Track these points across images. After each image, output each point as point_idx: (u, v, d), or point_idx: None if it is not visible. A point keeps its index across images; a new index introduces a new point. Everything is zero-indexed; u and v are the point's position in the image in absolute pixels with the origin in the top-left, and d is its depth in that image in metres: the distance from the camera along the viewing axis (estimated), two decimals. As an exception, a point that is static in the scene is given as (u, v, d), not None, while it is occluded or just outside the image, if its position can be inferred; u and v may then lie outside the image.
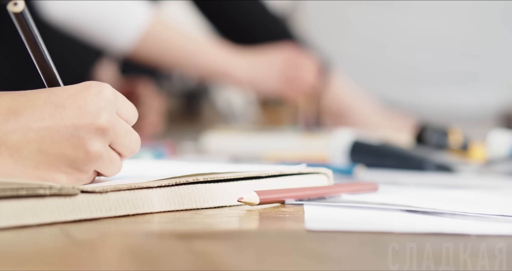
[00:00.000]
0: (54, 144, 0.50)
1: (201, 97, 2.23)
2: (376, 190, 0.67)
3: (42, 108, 0.50)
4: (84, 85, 0.52)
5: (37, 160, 0.50)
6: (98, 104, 0.51)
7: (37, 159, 0.50)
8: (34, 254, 0.40)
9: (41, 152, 0.50)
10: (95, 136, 0.51)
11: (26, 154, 0.50)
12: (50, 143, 0.50)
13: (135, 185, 0.51)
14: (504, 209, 0.56)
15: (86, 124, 0.51)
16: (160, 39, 1.28)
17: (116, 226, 0.48)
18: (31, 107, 0.50)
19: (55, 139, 0.50)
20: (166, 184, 0.53)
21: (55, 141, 0.50)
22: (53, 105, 0.50)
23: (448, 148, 0.97)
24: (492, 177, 0.86)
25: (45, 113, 0.50)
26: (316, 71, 1.39)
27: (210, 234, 0.47)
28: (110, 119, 0.51)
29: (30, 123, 0.50)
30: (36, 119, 0.50)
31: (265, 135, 1.24)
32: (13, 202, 0.45)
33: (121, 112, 0.53)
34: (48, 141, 0.50)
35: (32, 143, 0.50)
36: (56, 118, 0.50)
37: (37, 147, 0.50)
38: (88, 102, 0.51)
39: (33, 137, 0.50)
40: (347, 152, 0.91)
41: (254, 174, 0.59)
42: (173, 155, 1.00)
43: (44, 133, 0.50)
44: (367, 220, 0.53)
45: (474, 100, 1.85)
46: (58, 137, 0.50)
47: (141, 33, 1.24)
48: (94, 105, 0.51)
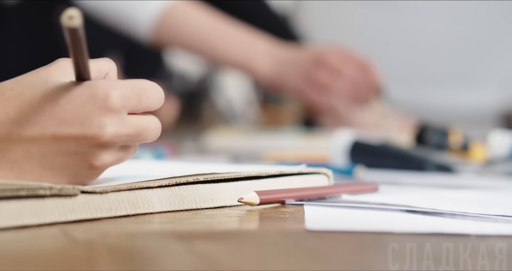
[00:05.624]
0: (56, 159, 0.50)
1: (201, 97, 2.22)
2: (376, 190, 0.67)
3: (46, 124, 0.49)
4: (91, 94, 0.49)
5: (39, 175, 0.50)
6: (102, 119, 0.49)
7: (38, 174, 0.50)
8: (34, 254, 0.40)
9: (43, 167, 0.50)
10: (99, 151, 0.50)
11: (27, 169, 0.49)
12: (52, 159, 0.50)
13: (135, 185, 0.51)
14: (504, 209, 0.56)
15: (89, 140, 0.49)
16: (182, 21, 1.24)
17: (116, 226, 0.48)
18: (35, 121, 0.49)
19: (57, 155, 0.49)
20: (167, 184, 0.53)
21: (57, 157, 0.50)
22: (56, 121, 0.49)
23: (448, 148, 0.97)
24: (492, 177, 0.86)
25: (47, 129, 0.49)
26: (358, 74, 1.28)
27: (210, 234, 0.47)
28: (116, 130, 0.49)
29: (32, 138, 0.49)
30: (38, 134, 0.49)
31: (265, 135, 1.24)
32: (13, 202, 0.45)
33: (138, 107, 0.51)
34: (50, 157, 0.49)
35: (34, 159, 0.49)
36: (58, 135, 0.49)
37: (39, 163, 0.49)
38: (92, 116, 0.49)
39: (35, 153, 0.49)
40: (347, 152, 0.91)
41: (254, 174, 0.59)
42: (173, 155, 1.00)
43: (45, 149, 0.49)
44: (367, 220, 0.53)
45: (474, 100, 1.85)
46: (60, 153, 0.49)
47: (161, 14, 1.22)
48: (98, 120, 0.49)
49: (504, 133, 0.98)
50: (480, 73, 1.86)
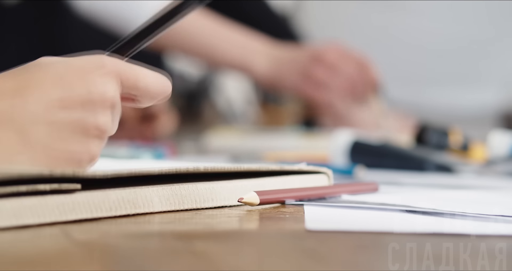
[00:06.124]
0: (64, 124, 0.50)
1: (201, 97, 2.22)
2: (376, 190, 0.67)
3: (50, 90, 0.50)
4: (89, 62, 0.52)
5: (47, 141, 0.50)
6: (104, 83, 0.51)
7: (47, 140, 0.50)
8: (34, 254, 0.40)
9: (51, 133, 0.50)
10: (103, 112, 0.51)
11: (34, 134, 0.49)
12: (59, 125, 0.50)
13: (136, 172, 0.51)
14: (504, 209, 0.56)
15: (95, 103, 0.51)
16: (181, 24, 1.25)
17: (116, 226, 0.48)
18: (39, 87, 0.50)
19: (64, 120, 0.50)
20: (167, 172, 0.53)
21: (65, 123, 0.50)
22: (61, 88, 0.50)
23: (448, 148, 0.97)
24: (492, 177, 0.86)
25: (53, 95, 0.50)
26: (355, 71, 1.28)
27: (210, 234, 0.47)
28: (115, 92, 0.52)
29: (36, 101, 0.50)
30: (45, 99, 0.50)
31: (265, 135, 1.24)
32: (13, 202, 0.45)
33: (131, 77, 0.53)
34: (57, 123, 0.50)
35: (40, 124, 0.50)
36: (65, 93, 0.50)
37: (46, 128, 0.50)
38: (96, 81, 0.51)
39: (41, 118, 0.50)
40: (347, 152, 0.91)
41: (255, 168, 0.58)
42: (173, 155, 1.00)
43: (52, 113, 0.50)
44: (367, 220, 0.53)
45: (474, 100, 1.85)
46: (66, 119, 0.50)
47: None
48: (101, 85, 0.51)
49: (504, 133, 0.98)
50: (480, 73, 1.86)
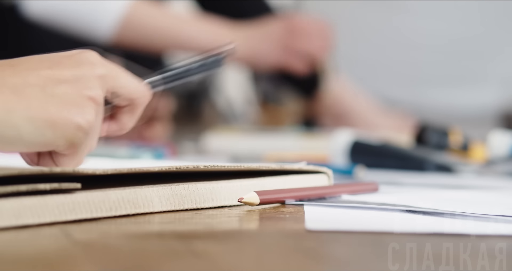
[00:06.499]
0: (57, 87, 0.50)
1: (201, 97, 2.22)
2: (376, 190, 0.67)
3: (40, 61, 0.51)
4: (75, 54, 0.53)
5: (43, 101, 0.49)
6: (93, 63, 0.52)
7: (42, 100, 0.49)
8: (34, 254, 0.40)
9: (45, 94, 0.49)
10: (94, 83, 0.51)
11: (30, 94, 0.49)
12: (53, 87, 0.50)
13: (136, 170, 0.51)
14: (504, 209, 0.56)
15: (86, 72, 0.51)
16: (143, 21, 1.24)
17: (116, 226, 0.48)
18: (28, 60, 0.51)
19: (57, 83, 0.50)
20: (167, 170, 0.53)
21: (57, 85, 0.50)
22: (50, 61, 0.51)
23: (448, 148, 0.97)
24: (492, 177, 0.87)
25: (43, 68, 0.51)
26: (321, 35, 1.33)
27: (210, 234, 0.47)
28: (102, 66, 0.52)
29: (28, 68, 0.50)
30: (35, 68, 0.50)
31: (265, 135, 1.24)
32: (13, 202, 0.45)
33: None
34: (51, 85, 0.50)
35: (35, 87, 0.49)
36: (54, 69, 0.51)
37: (41, 90, 0.49)
38: (83, 57, 0.52)
39: (34, 81, 0.50)
40: (347, 152, 0.91)
41: (255, 167, 0.58)
42: (173, 155, 1.00)
43: (44, 78, 0.50)
44: (367, 220, 0.53)
45: (474, 100, 1.85)
46: (60, 81, 0.50)
47: (122, 16, 1.22)
48: (90, 64, 0.52)
49: (504, 133, 0.98)
50: (480, 73, 1.86)
